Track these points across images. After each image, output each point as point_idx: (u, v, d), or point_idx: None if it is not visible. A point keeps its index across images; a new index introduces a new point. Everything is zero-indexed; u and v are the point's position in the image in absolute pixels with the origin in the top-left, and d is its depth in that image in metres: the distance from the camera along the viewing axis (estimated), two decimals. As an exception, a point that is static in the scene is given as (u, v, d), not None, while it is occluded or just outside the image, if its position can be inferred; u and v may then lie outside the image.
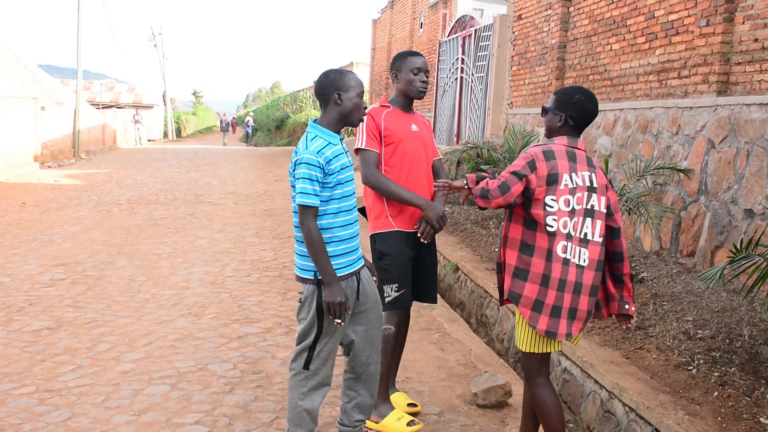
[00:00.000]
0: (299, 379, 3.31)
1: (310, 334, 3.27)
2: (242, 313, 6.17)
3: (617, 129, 8.63)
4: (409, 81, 3.99)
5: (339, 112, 3.26)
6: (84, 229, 10.05)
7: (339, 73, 3.29)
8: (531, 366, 3.39)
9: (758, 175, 5.97)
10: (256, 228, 10.37)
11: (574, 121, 3.34)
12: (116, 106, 39.56)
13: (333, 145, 3.23)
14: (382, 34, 27.06)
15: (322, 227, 3.21)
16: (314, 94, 3.39)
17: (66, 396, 4.32)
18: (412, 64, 3.99)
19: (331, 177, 3.19)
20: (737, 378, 4.06)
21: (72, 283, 7.04)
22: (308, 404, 3.31)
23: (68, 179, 16.71)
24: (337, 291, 3.14)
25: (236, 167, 19.92)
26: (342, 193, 3.26)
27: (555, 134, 3.40)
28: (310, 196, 3.12)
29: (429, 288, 4.16)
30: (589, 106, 3.36)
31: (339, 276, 3.21)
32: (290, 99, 50.26)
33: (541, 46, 11.42)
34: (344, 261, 3.27)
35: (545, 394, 3.35)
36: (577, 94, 3.36)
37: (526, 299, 3.24)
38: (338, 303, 3.14)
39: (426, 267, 4.11)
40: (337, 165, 3.20)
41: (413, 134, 4.00)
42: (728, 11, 6.78)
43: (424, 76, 4.00)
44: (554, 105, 3.39)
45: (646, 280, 6.28)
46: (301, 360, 3.29)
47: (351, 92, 3.25)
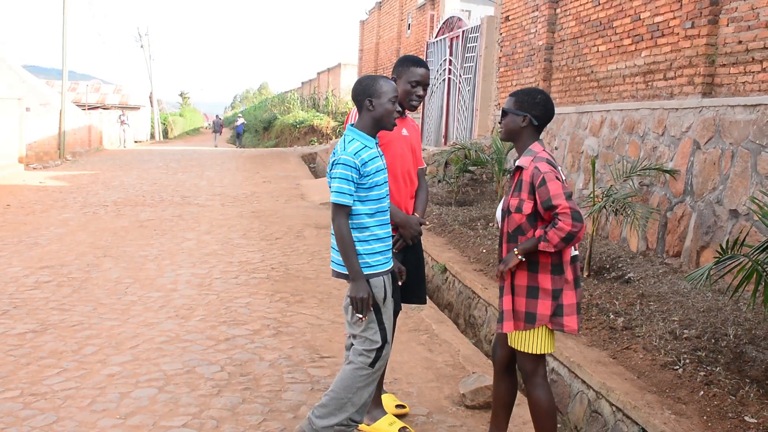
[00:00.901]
0: (360, 374, 3.42)
1: (376, 333, 3.40)
2: (230, 315, 6.15)
3: (604, 130, 8.66)
4: (406, 92, 3.93)
5: (372, 117, 3.43)
6: (70, 231, 9.99)
7: (372, 79, 3.45)
8: (528, 366, 3.42)
9: (743, 176, 6.01)
10: (243, 230, 10.34)
11: (538, 121, 3.38)
12: (102, 107, 39.26)
13: (369, 148, 3.40)
14: (370, 36, 27.08)
15: (363, 226, 3.37)
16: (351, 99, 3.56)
17: (51, 400, 4.29)
18: (412, 75, 3.92)
19: (367, 178, 3.35)
20: (723, 377, 4.09)
21: (57, 286, 7.00)
22: (357, 398, 3.44)
23: (54, 181, 16.60)
24: (363, 287, 3.30)
25: (224, 169, 19.86)
26: (378, 195, 3.41)
27: (517, 137, 3.42)
28: (345, 196, 3.30)
29: (417, 289, 4.15)
30: (550, 106, 3.43)
31: (379, 272, 3.40)
32: (278, 100, 50.17)
33: (529, 48, 11.46)
34: (383, 258, 3.45)
35: (541, 394, 3.38)
36: (538, 94, 3.41)
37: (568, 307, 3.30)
38: (361, 298, 3.29)
39: (412, 269, 4.08)
40: (372, 167, 3.37)
41: (403, 138, 3.99)
42: (713, 13, 6.83)
43: (421, 89, 3.95)
44: (515, 106, 3.41)
45: (633, 280, 6.31)
46: (369, 358, 3.41)
47: (383, 98, 3.40)
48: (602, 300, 5.71)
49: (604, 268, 6.84)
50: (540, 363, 3.41)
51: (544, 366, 3.44)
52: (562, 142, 9.84)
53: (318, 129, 32.51)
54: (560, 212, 3.11)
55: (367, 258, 3.38)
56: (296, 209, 12.32)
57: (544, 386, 3.40)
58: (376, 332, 3.40)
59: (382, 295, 3.40)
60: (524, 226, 3.28)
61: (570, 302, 3.30)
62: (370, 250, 3.39)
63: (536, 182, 3.21)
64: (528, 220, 3.27)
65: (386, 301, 3.43)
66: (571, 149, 9.44)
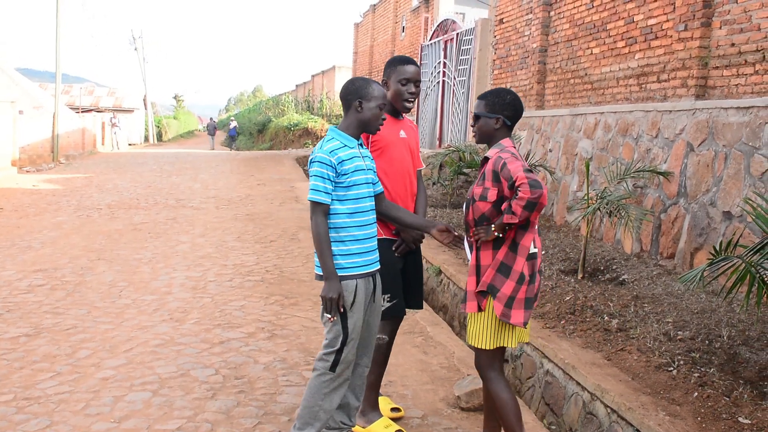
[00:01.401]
0: (324, 380, 3.39)
1: (338, 336, 3.36)
2: (224, 317, 6.14)
3: (598, 132, 8.68)
4: (397, 92, 3.88)
5: (358, 119, 3.40)
6: (63, 235, 9.96)
7: (365, 81, 3.44)
8: (483, 362, 3.45)
9: (736, 178, 6.03)
10: (238, 232, 10.32)
11: (510, 121, 3.43)
12: (96, 110, 39.18)
13: (349, 147, 3.37)
14: (365, 38, 27.10)
15: (338, 225, 3.34)
16: (339, 97, 3.54)
17: (45, 404, 4.27)
18: (400, 74, 3.88)
19: (345, 177, 3.32)
20: (717, 378, 4.10)
21: (51, 289, 6.97)
22: (328, 404, 3.41)
23: (47, 184, 16.55)
24: (334, 287, 3.26)
25: (218, 171, 19.83)
26: (357, 195, 3.37)
27: (492, 138, 3.45)
28: (320, 193, 3.27)
29: (416, 294, 4.13)
30: (519, 105, 3.47)
31: (352, 275, 3.34)
32: (272, 103, 50.13)
33: (523, 50, 11.49)
34: (360, 260, 3.39)
35: (498, 388, 3.39)
36: (507, 94, 3.45)
37: (503, 295, 3.30)
38: (331, 299, 3.25)
39: (412, 273, 4.07)
40: (350, 166, 3.33)
41: (401, 141, 3.96)
42: (706, 16, 6.86)
43: (412, 86, 3.89)
44: (486, 109, 3.44)
45: (627, 282, 6.32)
46: (327, 362, 3.38)
47: (372, 102, 3.39)
48: (597, 302, 5.72)
49: (599, 270, 6.85)
50: (495, 358, 3.42)
51: (500, 361, 3.46)
52: (556, 144, 9.86)
53: (312, 132, 32.49)
54: (518, 184, 3.15)
55: (341, 259, 3.32)
56: (291, 212, 12.31)
57: (499, 380, 3.41)
58: (338, 336, 3.34)
59: (350, 298, 3.33)
60: (488, 213, 3.33)
61: (520, 296, 3.30)
62: (346, 251, 3.33)
63: (498, 167, 3.26)
64: (494, 208, 3.31)
65: (354, 306, 3.35)
66: (566, 151, 9.46)
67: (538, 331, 5.16)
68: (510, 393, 3.40)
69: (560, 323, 5.35)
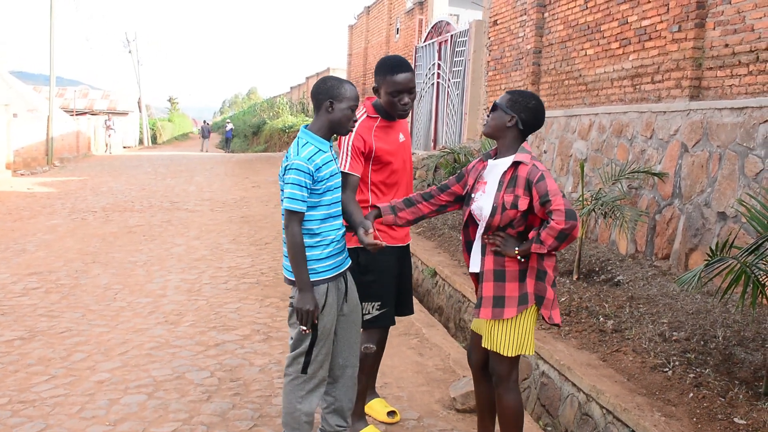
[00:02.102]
0: (297, 383, 3.36)
1: (305, 338, 3.32)
2: (219, 320, 6.13)
3: (592, 133, 8.70)
4: (390, 102, 3.67)
5: (329, 119, 3.29)
6: (58, 238, 9.93)
7: (337, 81, 3.33)
8: (504, 369, 3.36)
9: (730, 179, 6.05)
10: (233, 235, 10.31)
11: (524, 125, 3.31)
12: (90, 112, 39.04)
13: (323, 152, 3.27)
14: (359, 40, 27.11)
15: (313, 232, 3.27)
16: (310, 96, 3.44)
17: (40, 407, 4.26)
18: (390, 85, 3.63)
19: (321, 184, 3.24)
20: (712, 379, 4.11)
21: (46, 292, 6.95)
22: (306, 407, 3.37)
23: (41, 187, 16.51)
24: (309, 299, 3.20)
25: (213, 174, 19.81)
26: (331, 200, 3.32)
27: (500, 133, 3.33)
28: (298, 202, 3.17)
29: (407, 301, 4.05)
30: (540, 116, 3.35)
31: (324, 279, 3.29)
32: (267, 105, 50.11)
33: (517, 52, 11.50)
34: (333, 263, 3.35)
35: (512, 397, 3.36)
36: (533, 100, 3.35)
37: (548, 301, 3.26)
38: (307, 311, 3.19)
39: (405, 280, 3.99)
40: (326, 172, 3.26)
41: (401, 146, 3.81)
42: (699, 17, 6.87)
43: (405, 97, 3.64)
44: (507, 104, 3.32)
45: (622, 283, 6.33)
46: (298, 365, 3.34)
47: (344, 103, 3.27)
48: (592, 303, 5.72)
49: (594, 271, 6.86)
50: (514, 366, 3.37)
51: (517, 370, 3.41)
52: (551, 145, 9.87)
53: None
54: (554, 209, 3.06)
55: (315, 264, 3.28)
56: (286, 214, 12.29)
57: (516, 391, 3.37)
58: (306, 337, 3.30)
59: (322, 301, 3.29)
60: (516, 222, 3.23)
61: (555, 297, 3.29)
62: (318, 256, 3.28)
63: (534, 179, 3.16)
64: (522, 216, 3.23)
65: (325, 308, 3.31)
66: (560, 152, 9.47)
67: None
68: (521, 403, 3.39)
69: (556, 324, 5.35)
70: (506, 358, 3.34)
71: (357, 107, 3.33)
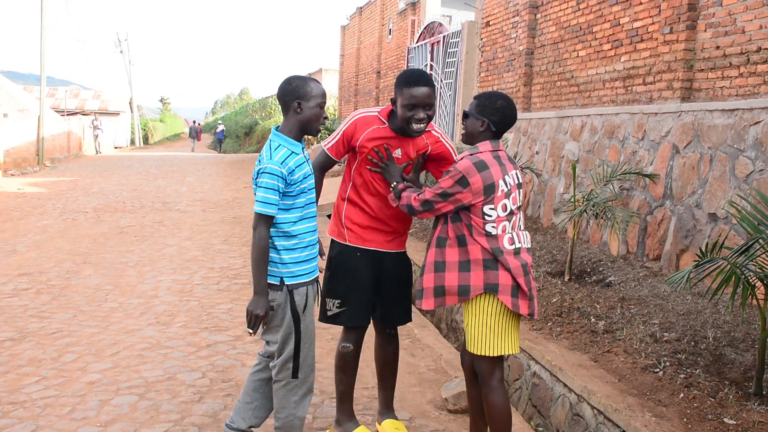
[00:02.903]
0: (289, 388, 3.34)
1: (289, 341, 3.30)
2: (211, 321, 6.12)
3: (584, 135, 8.72)
4: (404, 118, 3.54)
5: (298, 120, 3.28)
6: (49, 238, 9.89)
7: (302, 80, 3.29)
8: (484, 368, 3.40)
9: (721, 180, 6.07)
10: (224, 235, 10.29)
11: (495, 127, 3.38)
12: (81, 113, 38.83)
13: (296, 154, 3.26)
14: (351, 41, 27.10)
15: (289, 234, 3.25)
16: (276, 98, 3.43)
17: (30, 408, 4.24)
18: (406, 98, 3.50)
19: (294, 186, 3.23)
20: (702, 379, 4.12)
21: (36, 293, 6.92)
22: (301, 412, 3.38)
23: (32, 187, 16.44)
24: (262, 304, 3.19)
25: (204, 174, 19.77)
26: (305, 201, 3.31)
27: (476, 139, 3.42)
28: (269, 206, 3.16)
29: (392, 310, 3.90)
30: (510, 112, 3.41)
31: (303, 282, 3.30)
32: (259, 105, 50.06)
33: (509, 53, 11.53)
34: (310, 267, 3.35)
35: (496, 397, 3.37)
36: (499, 99, 3.40)
37: (504, 287, 3.28)
38: (257, 315, 3.18)
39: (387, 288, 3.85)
40: (299, 174, 3.25)
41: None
42: (691, 19, 6.90)
43: (420, 112, 3.50)
44: (476, 110, 3.40)
45: (614, 283, 6.35)
46: (287, 370, 3.32)
47: (311, 102, 3.25)
48: (583, 303, 5.74)
49: (585, 272, 6.88)
50: (496, 366, 3.39)
51: (501, 369, 3.43)
52: (542, 146, 9.89)
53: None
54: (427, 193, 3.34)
55: (293, 266, 3.26)
56: (278, 215, 12.28)
57: (500, 391, 3.39)
58: (290, 341, 3.29)
59: (303, 303, 3.29)
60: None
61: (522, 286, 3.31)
62: (296, 259, 3.27)
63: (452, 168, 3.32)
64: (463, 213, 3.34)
65: (306, 310, 3.32)
66: (552, 154, 9.49)
67: (524, 333, 5.17)
68: (507, 402, 3.40)
69: (547, 325, 5.37)
70: (486, 358, 3.37)
71: (325, 104, 3.30)
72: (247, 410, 3.48)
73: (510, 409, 3.41)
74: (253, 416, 3.49)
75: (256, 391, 3.49)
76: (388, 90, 21.69)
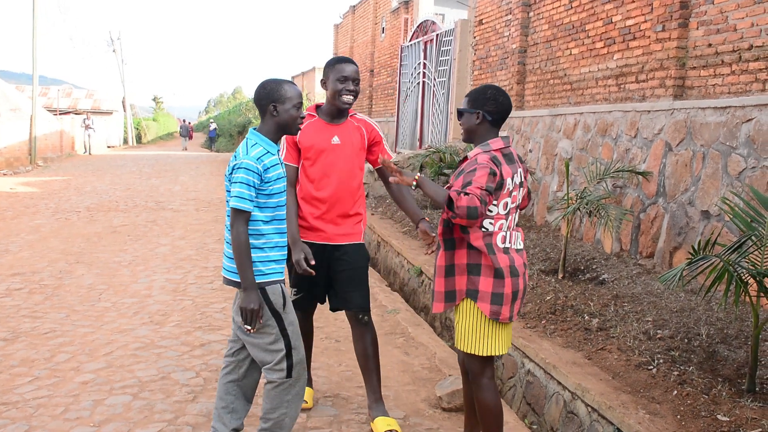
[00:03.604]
0: (283, 388, 3.34)
1: (278, 342, 3.30)
2: (205, 320, 6.11)
3: (577, 132, 8.74)
4: (335, 91, 3.88)
5: (276, 122, 3.33)
6: (41, 238, 9.86)
7: (276, 83, 3.33)
8: (474, 367, 3.41)
9: (714, 177, 6.09)
10: (218, 234, 10.28)
11: (491, 116, 3.35)
12: (74, 112, 38.60)
13: (271, 154, 3.30)
14: (344, 39, 27.08)
15: (259, 233, 3.28)
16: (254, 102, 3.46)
17: (23, 408, 4.22)
18: (338, 72, 3.87)
19: (267, 185, 3.26)
20: (696, 376, 4.14)
21: (29, 293, 6.90)
22: (293, 411, 3.39)
23: (25, 187, 16.38)
24: (255, 298, 3.20)
25: (198, 173, 19.73)
26: (276, 202, 3.33)
27: (474, 134, 3.39)
28: (245, 201, 3.19)
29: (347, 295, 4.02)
30: (502, 99, 3.37)
31: (275, 280, 3.31)
32: (252, 104, 49.95)
33: (502, 51, 11.53)
34: (279, 267, 3.36)
35: (487, 396, 3.38)
36: (488, 89, 3.40)
37: (483, 294, 3.27)
38: (252, 310, 3.19)
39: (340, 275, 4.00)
40: (273, 174, 3.28)
41: (332, 147, 3.93)
42: (683, 17, 6.92)
43: (350, 84, 3.87)
44: (469, 105, 3.40)
45: (607, 281, 6.37)
46: (281, 371, 3.32)
47: (287, 104, 3.29)
48: (577, 301, 5.75)
49: (579, 270, 6.89)
50: (487, 365, 3.39)
51: (491, 368, 3.43)
52: (536, 144, 9.91)
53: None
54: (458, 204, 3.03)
55: (261, 266, 3.27)
56: (271, 213, 12.26)
57: (491, 388, 3.39)
58: (278, 341, 3.30)
59: (281, 301, 3.31)
60: None
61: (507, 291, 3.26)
62: (265, 258, 3.29)
63: (467, 169, 3.21)
64: None
65: (286, 307, 3.34)
66: (545, 152, 9.51)
67: (519, 331, 5.18)
68: (497, 400, 3.39)
69: (541, 323, 5.38)
70: (475, 357, 3.38)
71: (301, 104, 3.37)
72: (225, 414, 3.47)
73: (501, 408, 3.41)
74: (232, 419, 3.48)
75: (229, 393, 3.49)
76: (382, 88, 21.68)
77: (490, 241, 3.27)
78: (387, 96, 21.01)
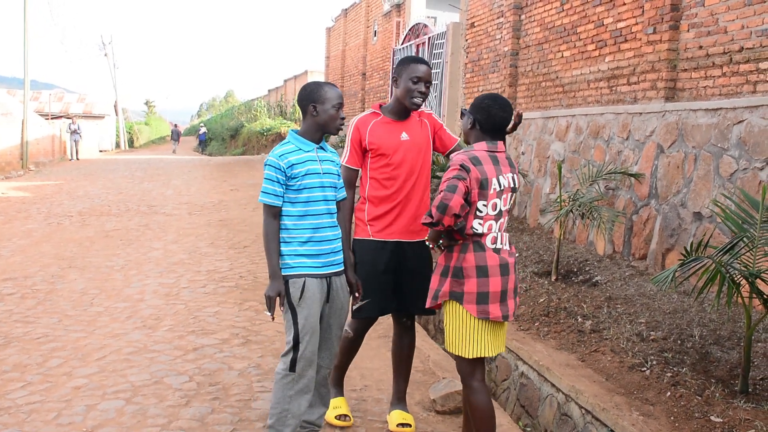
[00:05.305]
0: (285, 381, 3.41)
1: (289, 333, 3.40)
2: (198, 324, 6.09)
3: (570, 135, 8.76)
4: (406, 89, 3.86)
5: (315, 122, 3.49)
6: (33, 243, 9.82)
7: (316, 85, 3.52)
8: (464, 369, 3.43)
9: (705, 179, 6.11)
10: (211, 238, 10.25)
11: (479, 124, 3.39)
12: (66, 116, 38.35)
13: (303, 151, 3.45)
14: (336, 43, 27.08)
15: (288, 227, 3.43)
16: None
17: (15, 414, 4.20)
18: (412, 71, 3.86)
19: (295, 181, 3.40)
20: (689, 378, 4.15)
21: (21, 298, 6.87)
22: (295, 408, 3.42)
23: (16, 191, 16.31)
24: (275, 286, 3.36)
25: (190, 177, 19.69)
26: (307, 198, 3.43)
27: (467, 137, 3.48)
28: (270, 196, 3.39)
29: (411, 299, 3.99)
30: (495, 112, 3.38)
31: (300, 274, 3.40)
32: (244, 108, 49.95)
33: (494, 54, 11.56)
34: (309, 262, 3.43)
35: (477, 398, 3.39)
36: (486, 99, 3.43)
37: (468, 295, 3.30)
38: (269, 297, 3.34)
39: (407, 277, 3.96)
40: (301, 170, 3.40)
41: (402, 144, 3.91)
42: (674, 19, 6.95)
43: (422, 86, 3.87)
44: (468, 108, 3.49)
45: (600, 283, 6.38)
46: (286, 363, 3.41)
47: (326, 104, 3.46)
48: (570, 303, 5.76)
49: (572, 272, 6.90)
50: (476, 367, 3.41)
51: (481, 370, 3.44)
52: (528, 147, 9.92)
53: (285, 136, 32.33)
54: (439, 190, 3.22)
55: (288, 258, 3.41)
56: (264, 217, 12.24)
57: (481, 390, 3.40)
58: (289, 331, 3.41)
59: (297, 295, 3.38)
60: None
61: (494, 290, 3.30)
62: (292, 252, 3.41)
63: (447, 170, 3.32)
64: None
65: (303, 302, 3.39)
66: (538, 154, 9.53)
67: (512, 334, 5.18)
68: (489, 403, 3.40)
69: (534, 325, 5.38)
70: (464, 359, 3.40)
71: (342, 105, 3.50)
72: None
73: (493, 410, 3.42)
74: (307, 413, 3.59)
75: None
76: (374, 92, 21.68)
77: (479, 241, 3.32)
78: (379, 99, 21.02)
